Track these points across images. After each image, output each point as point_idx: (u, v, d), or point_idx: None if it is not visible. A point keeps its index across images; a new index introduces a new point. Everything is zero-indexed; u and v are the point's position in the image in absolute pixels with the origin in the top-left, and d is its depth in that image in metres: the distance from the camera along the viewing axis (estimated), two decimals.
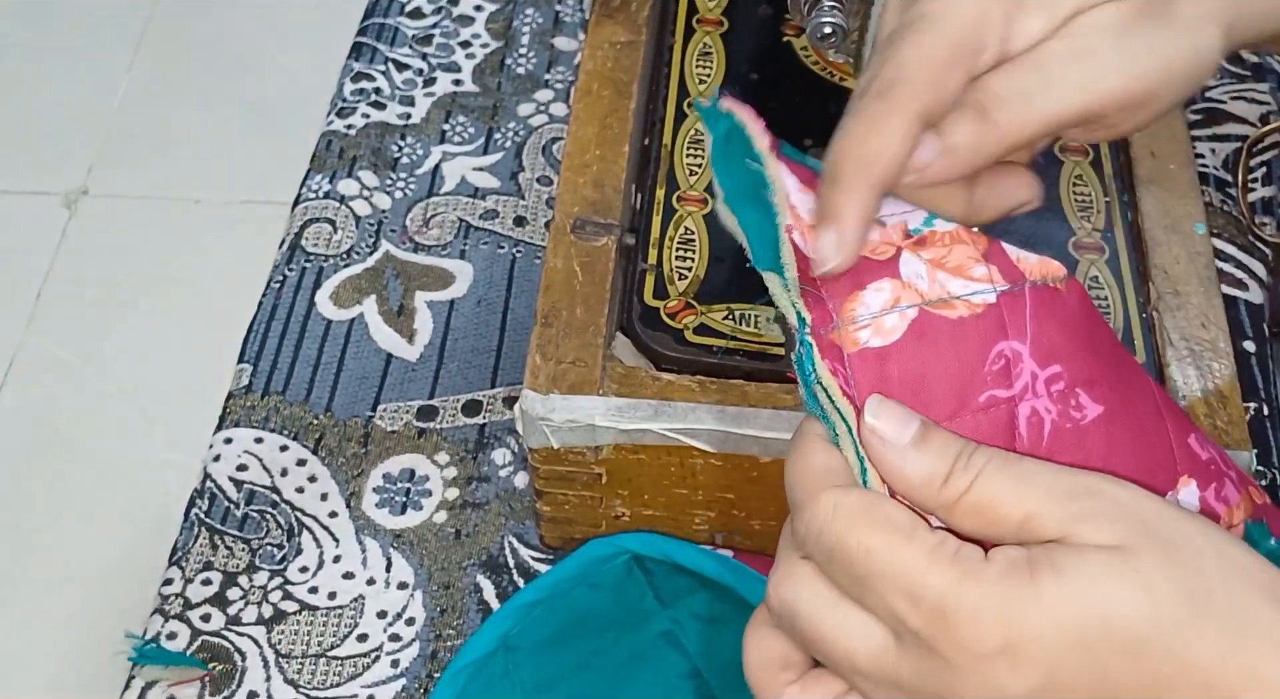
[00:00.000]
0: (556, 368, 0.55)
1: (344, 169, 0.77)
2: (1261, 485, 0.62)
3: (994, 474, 0.34)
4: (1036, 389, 0.36)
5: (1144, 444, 0.37)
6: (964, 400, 0.36)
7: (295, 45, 1.68)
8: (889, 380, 0.36)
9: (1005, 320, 0.36)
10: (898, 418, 0.35)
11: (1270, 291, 0.69)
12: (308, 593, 0.61)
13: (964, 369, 0.36)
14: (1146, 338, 0.57)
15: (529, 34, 0.84)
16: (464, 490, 0.64)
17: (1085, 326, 0.38)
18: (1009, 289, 0.37)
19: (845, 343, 0.36)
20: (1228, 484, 0.39)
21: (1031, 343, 0.36)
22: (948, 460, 0.34)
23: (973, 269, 0.37)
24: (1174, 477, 0.37)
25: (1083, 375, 0.37)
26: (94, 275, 1.49)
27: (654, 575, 0.58)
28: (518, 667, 0.57)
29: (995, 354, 0.36)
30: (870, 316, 0.36)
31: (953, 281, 0.37)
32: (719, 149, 0.39)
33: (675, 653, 0.57)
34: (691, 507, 0.58)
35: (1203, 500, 0.38)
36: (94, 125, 1.62)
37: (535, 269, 0.72)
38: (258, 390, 0.68)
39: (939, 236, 0.38)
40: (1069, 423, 0.36)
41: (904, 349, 0.36)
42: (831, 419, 0.36)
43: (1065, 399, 0.36)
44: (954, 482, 0.34)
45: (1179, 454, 0.38)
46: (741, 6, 0.70)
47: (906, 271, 0.37)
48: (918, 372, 0.36)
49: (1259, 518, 0.39)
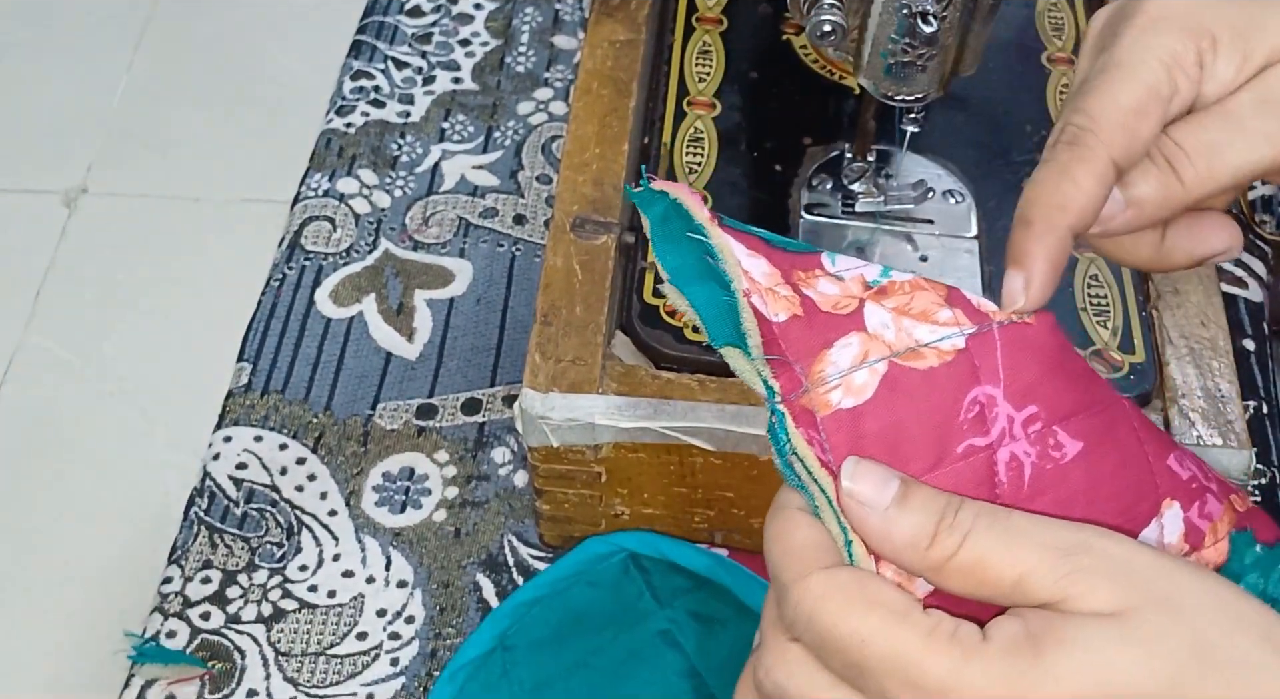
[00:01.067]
0: (556, 366, 0.55)
1: (343, 167, 0.77)
2: (1261, 484, 0.62)
3: (982, 533, 0.33)
4: (1014, 432, 0.35)
5: (1125, 473, 0.36)
6: (942, 452, 0.35)
7: (295, 44, 1.68)
8: (865, 439, 0.35)
9: (976, 365, 0.36)
10: (876, 479, 0.34)
11: (1270, 290, 0.69)
12: (307, 591, 0.61)
13: (939, 420, 0.35)
14: (1146, 336, 0.57)
15: (528, 32, 0.84)
16: (463, 489, 0.64)
17: (1057, 358, 0.37)
18: (976, 331, 0.36)
19: (817, 406, 0.35)
20: (1209, 499, 0.38)
21: (1005, 385, 0.36)
22: (932, 520, 0.33)
23: (938, 314, 0.36)
24: (1157, 501, 0.37)
25: (1060, 411, 0.36)
26: (93, 274, 1.49)
27: (650, 574, 0.58)
28: (516, 665, 0.57)
29: (969, 402, 0.35)
30: (840, 375, 0.35)
31: (919, 328, 0.36)
32: (657, 230, 0.38)
33: (672, 652, 0.57)
34: (691, 505, 0.58)
35: (1187, 521, 0.37)
36: (94, 124, 1.62)
37: (535, 267, 0.72)
38: (257, 389, 0.68)
39: (898, 286, 0.37)
40: (1049, 463, 0.35)
41: (878, 406, 0.35)
42: (810, 490, 0.35)
43: (1044, 439, 0.35)
44: (941, 543, 0.33)
45: (1160, 478, 0.37)
46: (741, 5, 0.70)
47: (872, 323, 0.36)
48: (893, 428, 0.35)
49: (1242, 526, 0.39)
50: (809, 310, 0.36)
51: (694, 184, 0.62)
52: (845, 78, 0.67)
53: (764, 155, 0.64)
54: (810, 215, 0.62)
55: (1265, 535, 0.40)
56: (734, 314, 0.36)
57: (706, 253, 0.36)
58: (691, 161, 0.63)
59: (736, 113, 0.65)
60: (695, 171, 0.62)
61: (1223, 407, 0.54)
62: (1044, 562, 0.32)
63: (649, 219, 0.38)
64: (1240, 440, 0.53)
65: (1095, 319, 0.57)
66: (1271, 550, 0.39)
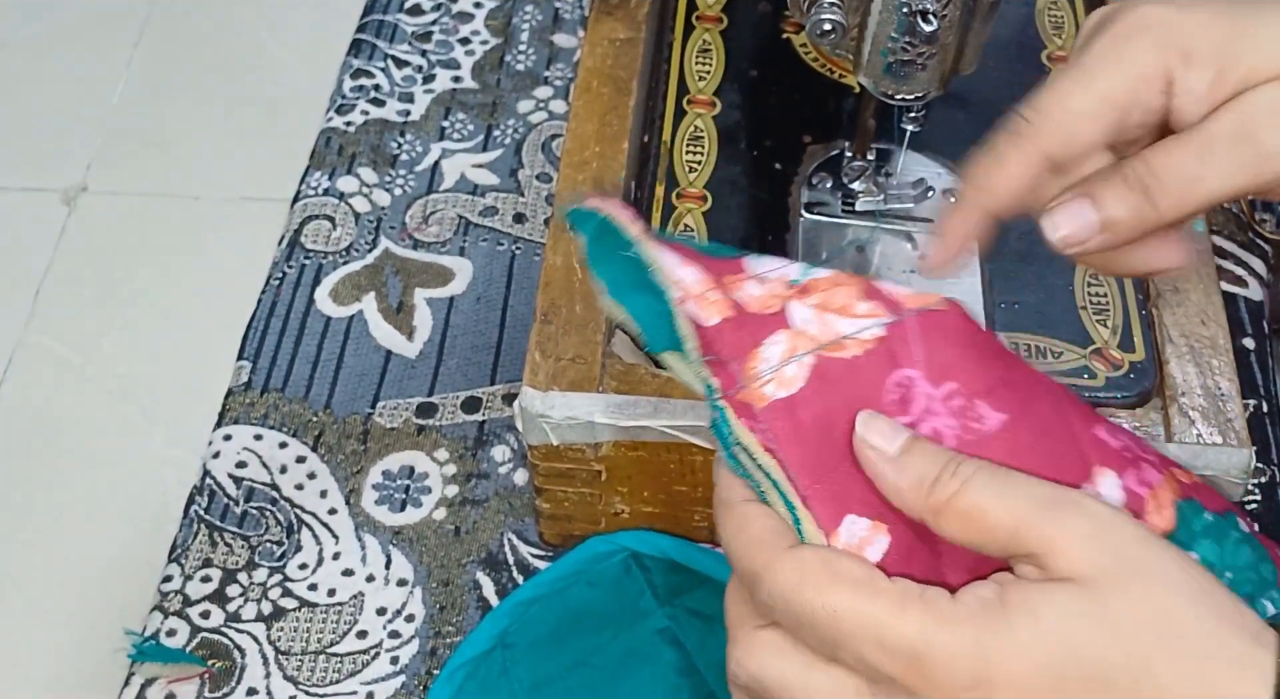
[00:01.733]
0: (556, 365, 0.55)
1: (343, 166, 0.77)
2: (1261, 483, 0.62)
3: (982, 481, 0.35)
4: (934, 409, 0.38)
5: (1048, 441, 0.38)
6: None
7: (294, 42, 1.68)
8: (802, 426, 0.37)
9: (895, 351, 0.38)
10: (886, 429, 0.37)
11: (1270, 288, 0.69)
12: (307, 590, 0.61)
13: (865, 405, 0.37)
14: (1146, 335, 0.57)
15: (528, 31, 0.84)
16: (463, 487, 0.64)
17: (972, 341, 0.39)
18: (893, 320, 0.39)
19: (754, 399, 0.37)
20: (1146, 467, 0.40)
21: (924, 367, 0.38)
22: (936, 466, 0.35)
23: (857, 306, 0.39)
24: (1086, 468, 0.39)
25: (980, 386, 0.38)
26: (93, 272, 1.49)
27: (652, 573, 0.58)
28: (515, 664, 0.57)
29: (892, 384, 0.38)
30: (771, 370, 0.38)
31: (841, 321, 0.38)
32: (593, 248, 0.40)
33: (673, 650, 0.57)
34: (691, 504, 0.58)
35: (1125, 489, 0.39)
36: (93, 122, 1.62)
37: (535, 266, 0.72)
38: (257, 387, 0.68)
39: (819, 283, 0.39)
40: (970, 435, 0.37)
41: (809, 395, 0.37)
42: (755, 477, 0.37)
43: (964, 413, 0.38)
44: (943, 484, 0.35)
45: (1087, 446, 0.39)
46: (741, 3, 0.70)
47: (796, 320, 0.38)
48: (824, 414, 0.37)
49: (1188, 496, 0.40)
50: (739, 313, 0.38)
51: (694, 182, 0.62)
52: (845, 76, 0.67)
53: (764, 154, 0.64)
54: (810, 214, 0.62)
55: (1213, 505, 0.41)
56: (670, 321, 0.39)
57: (640, 267, 0.39)
58: (691, 160, 0.63)
59: (736, 111, 0.65)
60: (695, 170, 0.62)
61: (1223, 405, 0.54)
62: (1035, 511, 0.34)
63: (584, 236, 0.40)
64: (1240, 439, 0.53)
65: (1095, 317, 0.57)
66: (1222, 518, 0.40)
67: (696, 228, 0.60)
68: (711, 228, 0.60)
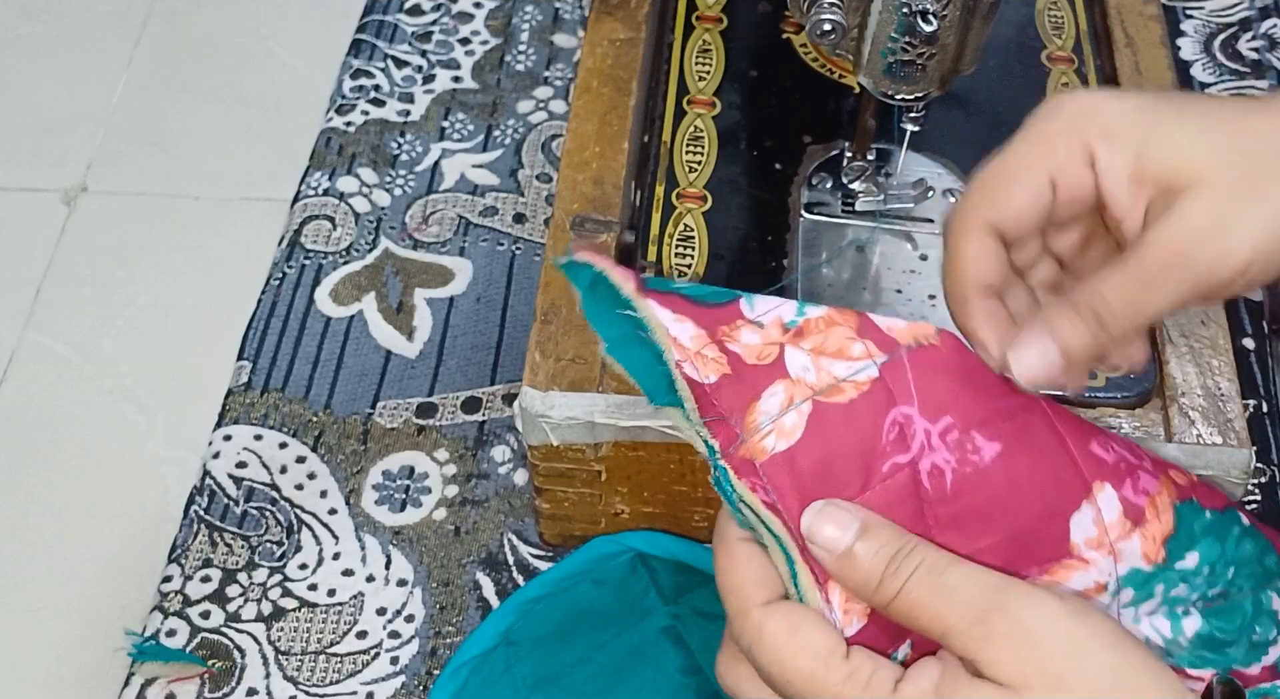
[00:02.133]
0: (556, 365, 0.55)
1: (343, 166, 0.77)
2: (1261, 483, 0.62)
3: (917, 586, 0.37)
4: (932, 444, 0.38)
5: (1045, 466, 0.39)
6: (869, 474, 0.38)
7: (295, 42, 1.67)
8: (802, 476, 0.38)
9: (891, 390, 0.39)
10: (835, 525, 0.38)
11: (1270, 289, 0.69)
12: (307, 590, 0.61)
13: (864, 447, 0.38)
14: (1146, 335, 0.56)
15: (528, 31, 0.84)
16: (463, 487, 0.64)
17: (965, 371, 0.40)
18: (887, 359, 0.39)
19: (754, 453, 0.38)
20: (1143, 476, 0.41)
21: (919, 403, 0.38)
22: (880, 565, 0.37)
23: (851, 348, 0.39)
24: (1086, 486, 0.39)
25: (974, 417, 0.39)
26: (93, 272, 1.49)
27: (657, 572, 0.58)
28: (519, 662, 0.57)
29: (889, 424, 0.38)
30: (771, 421, 0.38)
31: (836, 365, 0.39)
32: (588, 300, 0.40)
33: (676, 649, 0.57)
34: (691, 504, 0.58)
35: (1123, 499, 0.40)
36: (93, 122, 1.62)
37: (535, 266, 0.72)
38: (257, 387, 0.68)
39: (814, 323, 0.40)
40: (969, 467, 0.38)
41: (808, 444, 0.38)
42: (758, 531, 0.38)
43: (962, 446, 0.38)
44: (884, 587, 0.37)
45: (1084, 465, 0.40)
46: (741, 3, 0.70)
47: (793, 367, 0.39)
48: (824, 460, 0.38)
49: (1186, 497, 0.40)
50: (736, 367, 0.39)
51: (694, 182, 0.62)
52: (845, 76, 0.67)
53: (764, 154, 0.64)
54: (810, 214, 0.62)
55: (1212, 503, 0.41)
56: (668, 379, 0.39)
57: (637, 325, 0.39)
58: (691, 160, 0.63)
59: (736, 111, 0.65)
60: (695, 170, 0.62)
61: (1222, 405, 0.54)
62: (961, 622, 0.36)
63: (579, 289, 0.40)
64: (1240, 439, 0.53)
65: None
66: (1222, 515, 0.41)
67: (696, 228, 0.60)
68: (711, 228, 0.60)
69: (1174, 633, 0.41)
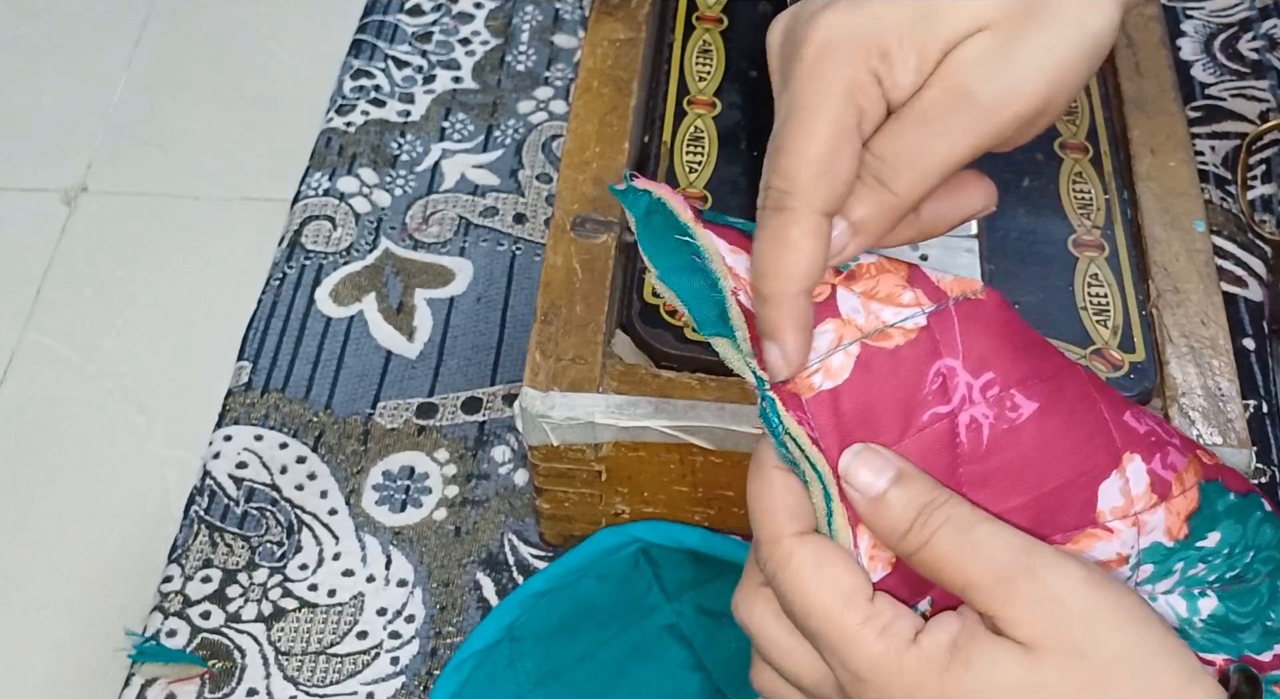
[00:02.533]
0: (556, 365, 0.55)
1: (344, 166, 0.77)
2: (1261, 483, 0.62)
3: (944, 540, 0.36)
4: (973, 398, 0.38)
5: (1080, 429, 0.39)
6: (909, 421, 0.38)
7: (295, 42, 1.68)
8: (843, 417, 0.38)
9: (938, 340, 0.39)
10: (878, 463, 0.37)
11: (1270, 289, 0.69)
12: (307, 590, 0.61)
13: (907, 394, 0.38)
14: (1146, 335, 0.57)
15: (529, 31, 0.84)
16: (463, 488, 0.64)
17: (1009, 329, 0.40)
18: (936, 309, 0.39)
19: (801, 389, 0.38)
20: (1171, 452, 0.41)
21: (963, 356, 0.39)
22: (908, 517, 0.37)
23: (901, 295, 0.39)
24: (1116, 454, 0.39)
25: (1015, 376, 0.39)
26: (93, 272, 1.49)
27: (660, 567, 0.59)
28: (522, 657, 0.57)
29: (933, 374, 0.38)
30: (819, 360, 0.38)
31: (885, 310, 0.39)
32: (642, 227, 0.40)
33: (680, 646, 0.57)
34: (691, 504, 0.58)
35: (1151, 472, 0.40)
36: (93, 122, 1.62)
37: (535, 266, 0.72)
38: (257, 388, 0.68)
39: (866, 268, 0.40)
40: (1005, 423, 0.38)
41: (853, 386, 0.38)
42: (801, 466, 0.38)
43: (1001, 402, 0.39)
44: (912, 536, 0.37)
45: (1117, 432, 0.40)
46: (741, 4, 0.70)
47: (845, 308, 0.39)
48: (866, 403, 0.38)
49: (1211, 478, 0.41)
50: None
51: (694, 183, 0.62)
52: None
53: (764, 154, 0.64)
54: None
55: (1236, 486, 0.41)
56: (719, 306, 0.39)
57: (693, 252, 0.39)
58: (691, 160, 0.63)
59: (737, 112, 0.65)
60: (695, 170, 0.62)
61: (1223, 405, 0.54)
62: (985, 578, 0.35)
63: (634, 216, 0.40)
64: (1240, 439, 0.53)
65: (1095, 318, 0.57)
66: (1245, 499, 0.41)
67: None
68: None
69: (1190, 613, 0.41)
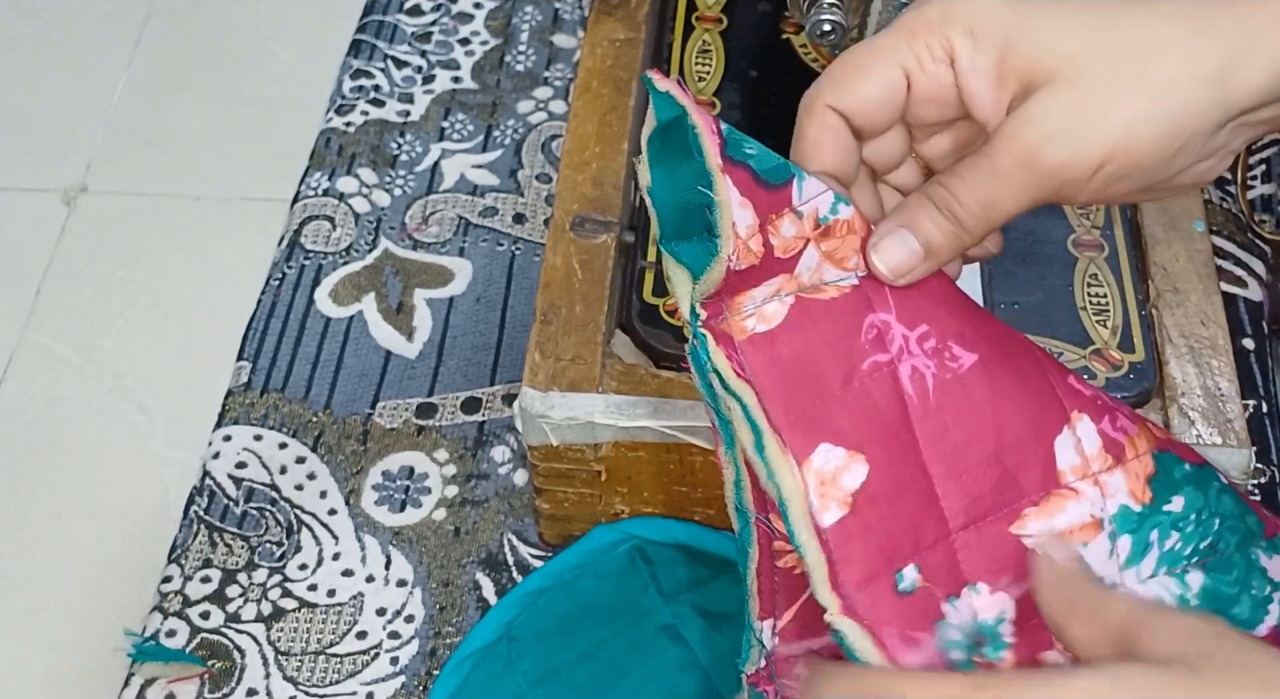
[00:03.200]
0: (556, 365, 0.55)
1: (343, 166, 0.77)
2: (1261, 483, 0.62)
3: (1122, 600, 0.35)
4: (911, 349, 0.39)
5: (1027, 384, 0.40)
6: (850, 368, 0.39)
7: (295, 42, 1.68)
8: (780, 360, 0.39)
9: (870, 297, 0.40)
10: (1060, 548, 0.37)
11: (1269, 289, 0.69)
12: (307, 590, 0.61)
13: (843, 341, 0.39)
14: (1146, 335, 0.57)
15: (528, 31, 0.84)
16: (463, 488, 0.64)
17: (943, 292, 0.41)
18: (869, 272, 0.40)
19: (734, 331, 0.40)
20: (1120, 417, 0.41)
21: (896, 312, 0.40)
22: None
23: (849, 259, 0.41)
24: (1064, 413, 0.40)
25: (951, 329, 0.40)
26: (93, 272, 1.49)
27: (656, 566, 0.59)
28: (521, 657, 0.57)
29: (867, 325, 0.40)
30: (755, 306, 0.40)
31: (829, 271, 0.40)
32: (658, 134, 0.41)
33: (676, 646, 0.57)
34: (690, 504, 0.58)
35: (1102, 433, 0.40)
36: (93, 122, 1.62)
37: (534, 266, 0.72)
38: (257, 388, 0.68)
39: (840, 226, 0.41)
40: (948, 374, 0.39)
41: (789, 330, 0.40)
42: (725, 404, 0.39)
43: (940, 354, 0.40)
44: None
45: (1063, 393, 0.40)
46: (741, 4, 0.70)
47: (802, 266, 0.40)
48: (804, 349, 0.39)
49: (1165, 449, 0.41)
50: (765, 259, 0.40)
51: None
52: None
53: None
54: None
55: (1189, 457, 0.41)
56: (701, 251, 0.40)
57: (696, 176, 0.40)
58: None
59: (736, 111, 0.65)
60: None
61: (1222, 405, 0.54)
62: None
63: (656, 117, 0.41)
64: (1240, 439, 0.53)
65: (1095, 318, 0.57)
66: (1200, 469, 0.41)
67: None
68: None
69: (1182, 589, 0.41)
